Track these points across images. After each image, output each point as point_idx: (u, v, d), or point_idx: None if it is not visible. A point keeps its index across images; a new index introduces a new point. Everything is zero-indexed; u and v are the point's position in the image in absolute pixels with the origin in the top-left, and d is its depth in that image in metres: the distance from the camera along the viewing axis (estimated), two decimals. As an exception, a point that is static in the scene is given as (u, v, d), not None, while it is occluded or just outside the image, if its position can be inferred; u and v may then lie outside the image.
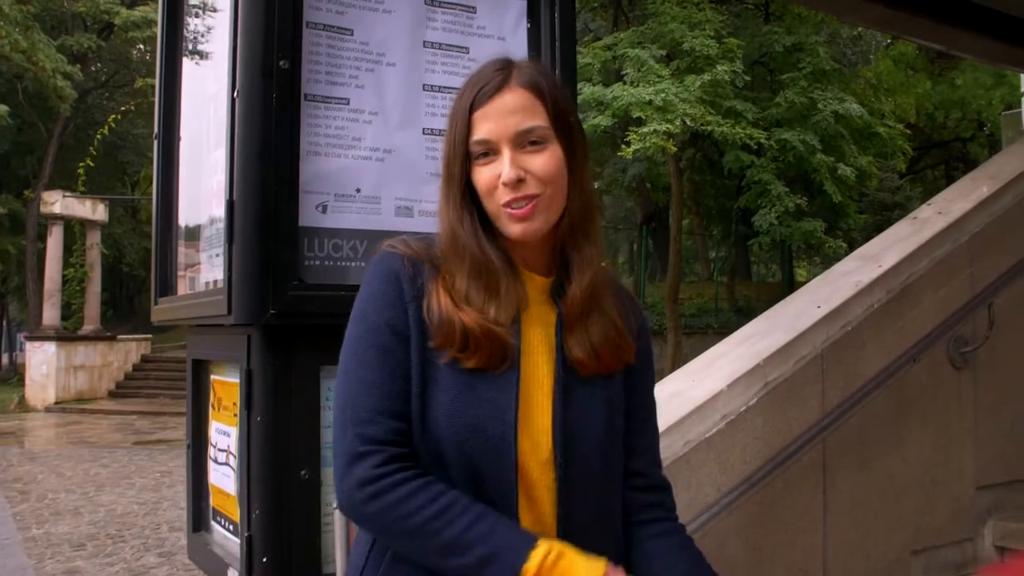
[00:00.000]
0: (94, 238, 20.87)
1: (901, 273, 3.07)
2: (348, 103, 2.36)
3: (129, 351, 21.48)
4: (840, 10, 5.63)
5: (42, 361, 19.08)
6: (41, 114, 22.90)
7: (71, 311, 21.46)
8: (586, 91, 14.15)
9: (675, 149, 14.97)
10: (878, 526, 2.97)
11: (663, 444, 2.24)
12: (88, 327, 20.62)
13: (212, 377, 2.65)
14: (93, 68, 26.86)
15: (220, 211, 2.28)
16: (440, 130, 2.48)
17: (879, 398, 2.87)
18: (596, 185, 19.63)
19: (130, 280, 30.82)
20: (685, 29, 14.51)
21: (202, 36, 2.82)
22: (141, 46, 27.87)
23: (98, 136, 20.47)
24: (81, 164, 20.22)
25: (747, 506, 2.57)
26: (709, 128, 13.66)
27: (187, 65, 2.89)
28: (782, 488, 2.72)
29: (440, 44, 2.52)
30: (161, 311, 2.81)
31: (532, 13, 2.65)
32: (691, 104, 13.39)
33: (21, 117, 22.43)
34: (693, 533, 2.07)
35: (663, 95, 13.25)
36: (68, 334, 20.23)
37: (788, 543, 2.79)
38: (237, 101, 2.17)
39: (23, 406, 18.84)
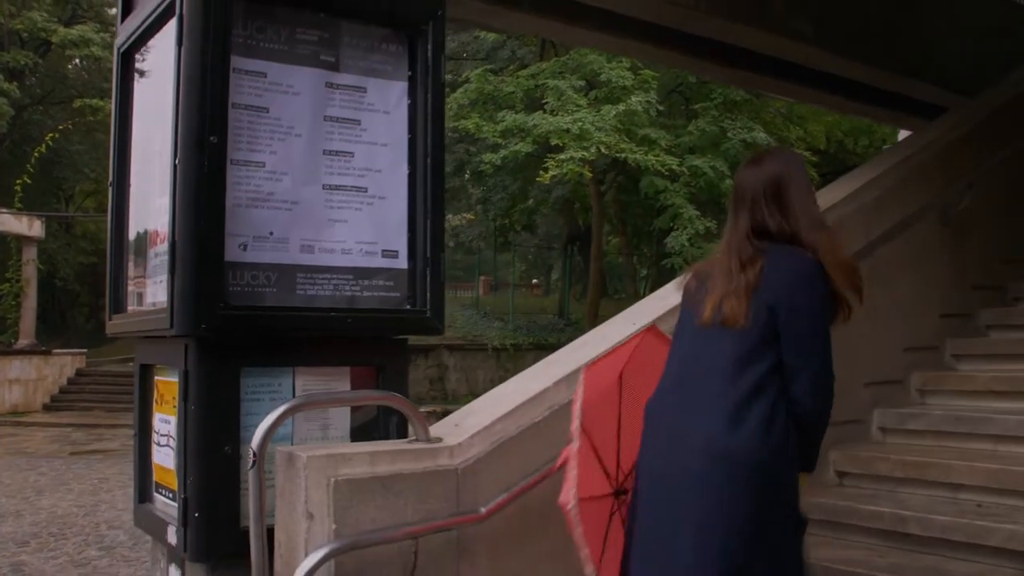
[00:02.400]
0: (30, 254, 20.98)
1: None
2: (264, 166, 3.08)
3: (64, 365, 21.54)
4: (703, 70, 6.50)
5: (-24, 375, 19.21)
6: (-24, 130, 22.99)
7: (6, 325, 21.53)
8: (508, 119, 14.96)
9: (591, 175, 15.81)
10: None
11: (502, 427, 2.97)
12: (23, 341, 20.73)
13: (156, 378, 3.37)
14: (28, 83, 26.94)
15: (164, 246, 2.99)
16: (337, 185, 3.22)
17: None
18: (529, 203, 20.41)
19: (63, 295, 30.63)
20: (603, 61, 15.40)
21: (150, 97, 3.49)
22: (77, 61, 28.00)
23: (36, 154, 20.66)
24: (18, 180, 20.35)
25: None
26: (623, 155, 14.52)
27: (136, 125, 3.58)
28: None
29: (337, 118, 3.26)
30: (115, 325, 3.53)
31: (411, 93, 3.40)
32: (606, 132, 14.22)
33: (-44, 133, 22.52)
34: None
35: (580, 124, 14.08)
36: (3, 348, 20.35)
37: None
38: (178, 167, 2.90)
39: (-43, 419, 18.92)
